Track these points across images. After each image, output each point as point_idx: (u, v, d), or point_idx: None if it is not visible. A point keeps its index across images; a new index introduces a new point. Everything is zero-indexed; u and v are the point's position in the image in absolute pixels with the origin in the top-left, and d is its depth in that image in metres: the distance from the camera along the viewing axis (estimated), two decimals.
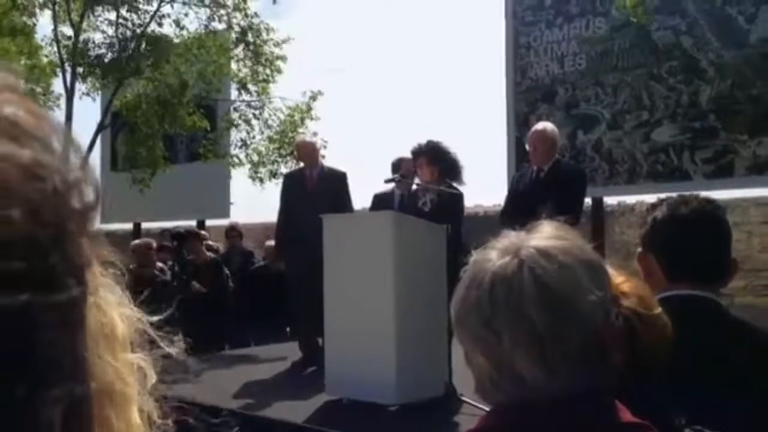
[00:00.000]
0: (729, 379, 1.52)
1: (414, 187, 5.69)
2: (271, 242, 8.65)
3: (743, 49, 8.66)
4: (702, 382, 1.49)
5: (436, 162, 5.34)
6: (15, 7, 11.62)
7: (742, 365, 1.57)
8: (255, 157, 12.77)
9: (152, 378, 0.51)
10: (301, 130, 12.16)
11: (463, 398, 4.29)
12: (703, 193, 1.89)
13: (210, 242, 9.08)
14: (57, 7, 11.90)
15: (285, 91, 14.46)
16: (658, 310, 1.25)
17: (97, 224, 0.40)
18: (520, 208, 4.43)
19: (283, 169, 12.23)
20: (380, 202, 5.95)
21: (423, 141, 5.52)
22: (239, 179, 12.98)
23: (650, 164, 9.24)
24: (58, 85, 12.46)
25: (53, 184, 0.35)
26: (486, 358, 0.96)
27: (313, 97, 12.76)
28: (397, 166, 6.06)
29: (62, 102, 12.30)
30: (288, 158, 12.42)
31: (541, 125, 5.33)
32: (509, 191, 5.43)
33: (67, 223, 0.36)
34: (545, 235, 0.99)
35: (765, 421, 1.46)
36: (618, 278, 1.21)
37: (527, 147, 5.29)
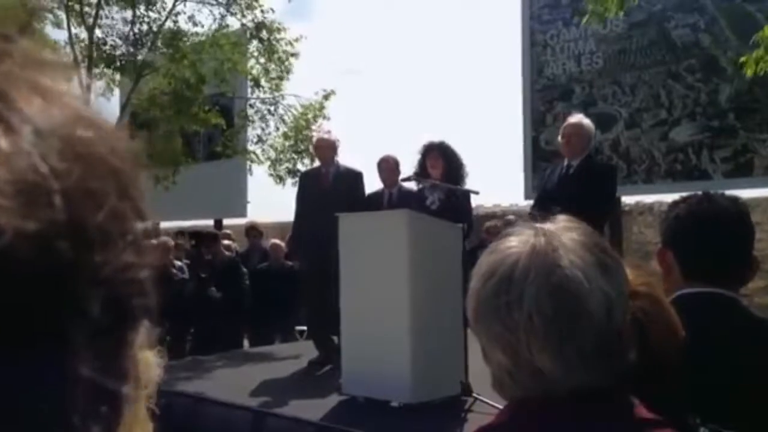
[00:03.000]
0: (746, 378, 1.51)
1: (409, 185, 5.79)
2: (275, 240, 8.73)
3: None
4: (718, 381, 1.47)
5: (446, 160, 5.42)
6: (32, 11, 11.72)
7: (761, 363, 1.55)
8: (272, 154, 12.79)
9: (156, 375, 0.52)
10: (313, 127, 12.17)
11: (479, 397, 4.28)
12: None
13: (227, 242, 9.12)
14: (70, 10, 11.98)
15: (302, 91, 14.46)
16: (670, 308, 1.24)
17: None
18: (548, 205, 4.39)
19: (300, 167, 12.26)
20: (369, 203, 6.00)
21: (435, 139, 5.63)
22: (256, 178, 13.03)
23: (668, 163, 9.17)
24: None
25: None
26: (504, 353, 0.96)
27: (326, 96, 12.74)
28: (379, 165, 6.17)
29: None
30: (304, 155, 12.43)
31: (576, 117, 5.22)
32: (539, 187, 5.39)
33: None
34: (562, 229, 0.98)
35: None
36: (630, 276, 1.20)
37: (559, 139, 5.18)
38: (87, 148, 0.36)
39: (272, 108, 12.92)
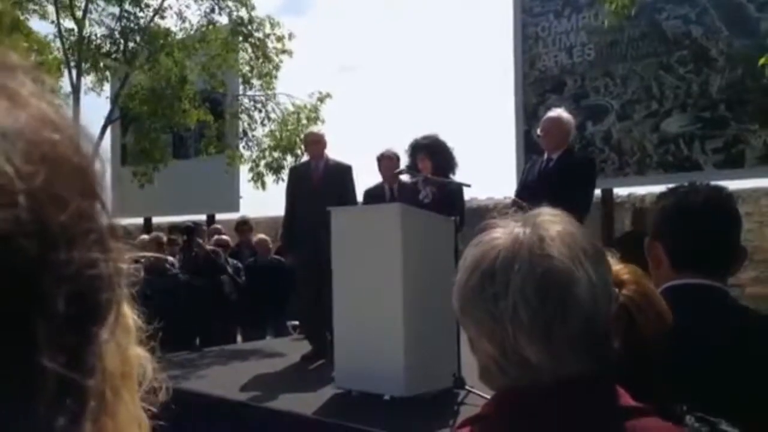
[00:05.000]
0: (732, 367, 1.51)
1: (404, 178, 5.78)
2: (261, 236, 8.74)
3: (754, 37, 8.58)
4: (705, 370, 1.48)
5: (434, 156, 5.43)
6: (19, 5, 11.71)
7: (746, 353, 1.55)
8: (255, 150, 12.74)
9: (150, 371, 0.53)
10: (305, 131, 12.15)
11: (472, 390, 4.29)
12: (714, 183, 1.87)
13: (220, 236, 9.10)
14: (59, 3, 11.93)
15: (299, 86, 14.43)
16: (658, 297, 1.24)
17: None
18: (528, 199, 4.40)
19: (285, 165, 12.26)
20: (371, 197, 6.00)
21: (420, 136, 5.63)
22: (246, 173, 13.01)
23: (660, 155, 9.18)
24: (64, 82, 12.49)
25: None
26: (491, 342, 0.96)
27: (321, 99, 12.63)
28: (380, 161, 6.16)
29: (70, 98, 12.30)
30: (288, 154, 12.38)
31: (555, 112, 5.24)
32: (519, 181, 5.41)
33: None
34: (546, 220, 0.98)
35: (763, 408, 1.45)
36: (616, 266, 1.20)
37: (539, 132, 5.20)
38: (53, 149, 0.38)
39: (260, 105, 12.86)
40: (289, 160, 12.07)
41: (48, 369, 0.36)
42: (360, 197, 6.29)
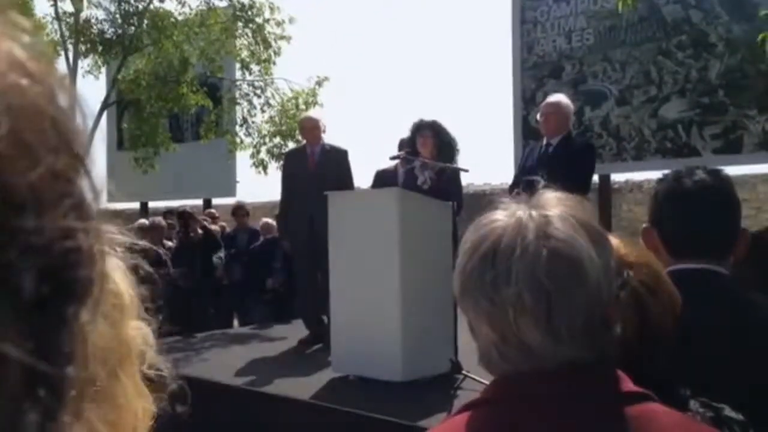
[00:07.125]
0: (732, 351, 1.50)
1: (415, 164, 5.71)
2: (267, 219, 8.74)
3: (753, 23, 8.52)
4: (705, 355, 1.47)
5: (438, 135, 5.38)
6: None
7: (747, 339, 1.55)
8: (255, 137, 12.73)
9: (152, 346, 0.50)
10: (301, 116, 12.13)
11: (469, 375, 4.30)
12: None
13: (207, 222, 9.08)
14: None
15: (299, 68, 14.38)
16: (667, 280, 1.22)
17: (103, 201, 0.38)
18: (528, 184, 4.39)
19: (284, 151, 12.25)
20: (382, 178, 5.94)
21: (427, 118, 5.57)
22: (245, 158, 12.98)
23: (658, 140, 9.15)
24: (61, 65, 12.38)
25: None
26: (491, 327, 0.95)
27: (319, 83, 12.59)
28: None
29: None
30: (288, 140, 12.37)
31: (554, 97, 5.25)
32: (518, 166, 5.39)
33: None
34: (549, 202, 0.97)
35: (766, 393, 1.44)
36: (624, 249, 1.19)
37: (538, 117, 5.20)
38: (21, 97, 0.32)
39: (259, 91, 12.83)
40: (290, 146, 12.06)
41: (12, 357, 0.31)
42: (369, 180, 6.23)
